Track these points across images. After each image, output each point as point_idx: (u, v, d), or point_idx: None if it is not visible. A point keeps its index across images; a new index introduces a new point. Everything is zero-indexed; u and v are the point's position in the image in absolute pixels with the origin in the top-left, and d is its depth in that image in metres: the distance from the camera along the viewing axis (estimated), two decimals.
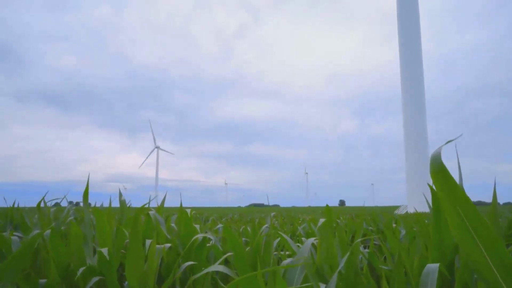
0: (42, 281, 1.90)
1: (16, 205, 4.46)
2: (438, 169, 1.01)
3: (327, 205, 1.88)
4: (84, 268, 1.85)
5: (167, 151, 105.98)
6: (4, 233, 2.45)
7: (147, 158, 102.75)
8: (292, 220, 6.52)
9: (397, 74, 34.96)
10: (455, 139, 1.17)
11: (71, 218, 2.92)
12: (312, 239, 1.62)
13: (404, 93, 34.16)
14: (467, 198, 0.99)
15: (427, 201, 2.19)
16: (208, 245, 2.42)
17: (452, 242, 1.74)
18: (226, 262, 2.68)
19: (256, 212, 16.99)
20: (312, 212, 15.33)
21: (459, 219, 1.02)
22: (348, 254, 1.48)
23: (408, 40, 34.17)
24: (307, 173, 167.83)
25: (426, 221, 4.32)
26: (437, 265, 1.41)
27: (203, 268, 2.21)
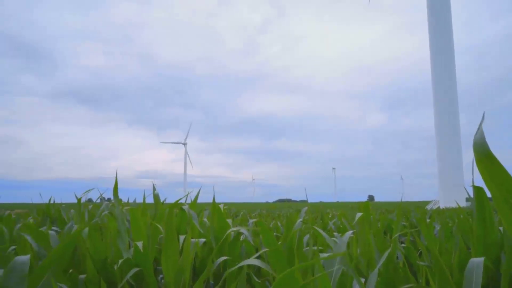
0: (82, 276, 1.95)
1: (52, 202, 4.64)
2: (484, 154, 0.94)
3: (366, 201, 1.83)
4: (122, 260, 1.88)
5: (188, 132, 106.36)
6: (43, 228, 2.53)
7: (190, 161, 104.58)
8: (322, 215, 6.46)
9: (427, 65, 33.88)
10: (482, 121, 1.07)
11: (105, 213, 2.99)
12: (349, 233, 1.58)
13: (435, 84, 33.07)
14: None
15: (468, 194, 2.09)
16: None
17: (497, 236, 1.66)
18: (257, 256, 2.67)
19: (285, 207, 16.97)
20: (341, 207, 15.16)
21: (510, 208, 0.95)
22: (389, 249, 1.43)
23: (439, 29, 33.00)
24: (334, 168, 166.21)
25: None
26: (481, 259, 1.34)
27: (236, 263, 2.20)
